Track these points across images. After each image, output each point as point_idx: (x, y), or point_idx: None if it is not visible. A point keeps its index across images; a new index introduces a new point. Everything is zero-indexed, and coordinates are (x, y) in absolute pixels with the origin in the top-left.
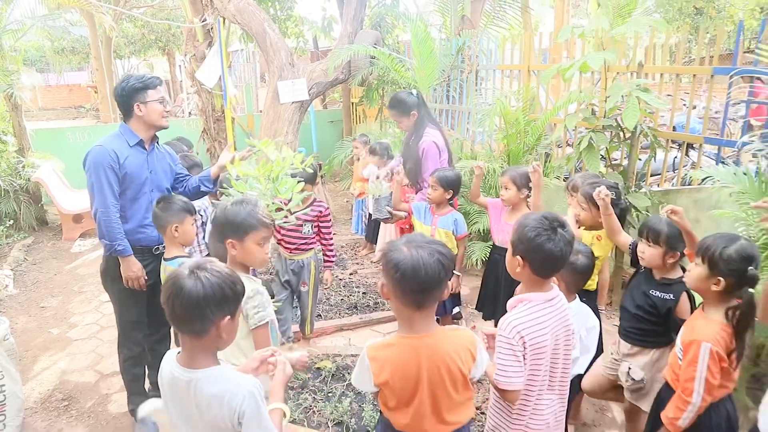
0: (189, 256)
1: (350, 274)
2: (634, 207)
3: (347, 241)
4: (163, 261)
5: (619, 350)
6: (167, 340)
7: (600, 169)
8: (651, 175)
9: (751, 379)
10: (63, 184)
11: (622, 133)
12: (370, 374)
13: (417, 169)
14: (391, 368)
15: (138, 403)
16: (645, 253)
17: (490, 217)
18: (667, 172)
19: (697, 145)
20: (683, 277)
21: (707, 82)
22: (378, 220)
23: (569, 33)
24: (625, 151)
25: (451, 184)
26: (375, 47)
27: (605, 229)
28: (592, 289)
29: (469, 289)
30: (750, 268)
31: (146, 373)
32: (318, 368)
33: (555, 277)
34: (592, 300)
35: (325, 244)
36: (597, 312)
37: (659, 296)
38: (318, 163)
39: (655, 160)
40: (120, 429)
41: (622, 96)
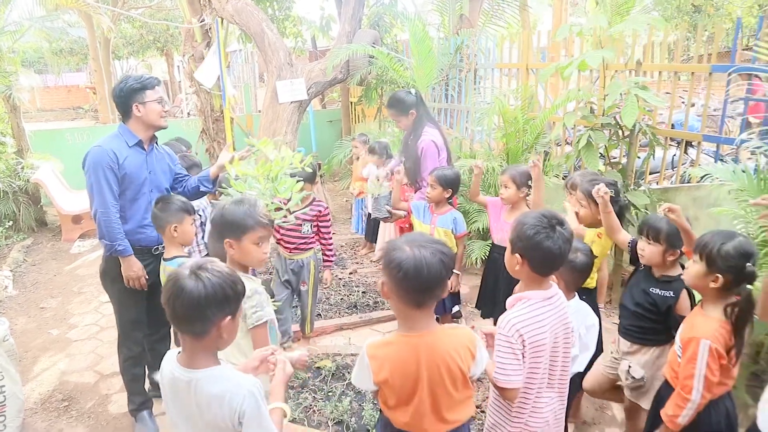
0: (188, 256)
1: (350, 273)
2: (633, 205)
3: (347, 240)
4: (162, 261)
5: (619, 348)
6: (167, 339)
7: (599, 168)
8: (650, 173)
9: (751, 377)
10: (62, 185)
11: (620, 131)
12: (369, 372)
13: (416, 168)
14: (390, 366)
15: (138, 403)
16: (645, 250)
17: (489, 215)
18: (666, 169)
19: (696, 143)
20: (682, 275)
21: (706, 79)
22: (377, 220)
23: (567, 31)
24: (624, 149)
25: (450, 182)
26: (373, 47)
27: (604, 227)
28: (591, 287)
29: (468, 287)
30: (748, 265)
31: (146, 373)
32: (318, 367)
33: (554, 276)
34: (592, 298)
35: (324, 244)
36: (597, 310)
37: (659, 294)
38: (317, 163)
39: (653, 158)
40: (120, 429)
41: (621, 94)
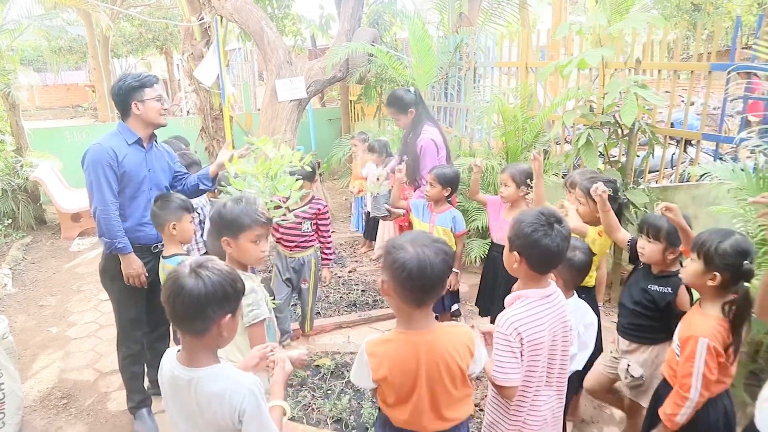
0: (187, 254)
1: (349, 271)
2: (632, 203)
3: (346, 239)
4: (161, 259)
5: (618, 348)
6: (166, 338)
7: (598, 166)
8: (649, 172)
9: (749, 375)
10: (61, 183)
11: (620, 129)
12: (368, 370)
13: (415, 167)
14: (389, 364)
15: (137, 401)
16: (645, 249)
17: (488, 214)
18: (666, 168)
19: (695, 142)
20: (680, 272)
21: (705, 78)
22: (376, 218)
23: (567, 30)
24: (624, 147)
25: (449, 181)
26: (373, 45)
27: (603, 226)
28: (590, 286)
29: (467, 286)
30: (745, 263)
31: (145, 371)
32: (317, 366)
33: (553, 274)
34: (591, 297)
35: (323, 242)
36: (596, 309)
37: (658, 290)
38: (316, 161)
39: (653, 157)
40: (119, 427)
41: (620, 92)
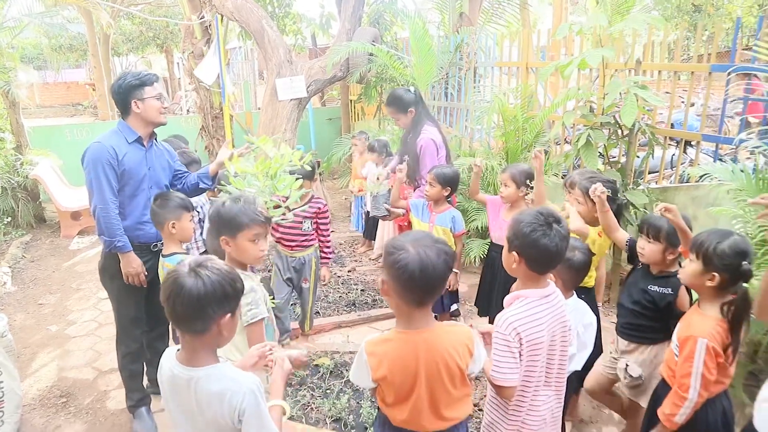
0: (187, 253)
1: (348, 271)
2: (631, 204)
3: (345, 238)
4: (161, 258)
5: (618, 348)
6: (166, 336)
7: (598, 167)
8: (649, 173)
9: (748, 376)
10: (61, 181)
11: (620, 130)
12: (368, 369)
13: (415, 167)
14: (389, 363)
15: (136, 399)
16: (645, 249)
17: (488, 214)
18: (665, 169)
19: (695, 143)
20: (679, 273)
21: (705, 79)
22: (376, 218)
23: (567, 30)
24: (623, 148)
25: (448, 181)
26: (373, 44)
27: (601, 226)
28: (590, 286)
29: (467, 286)
30: (744, 263)
31: (144, 369)
32: (316, 365)
33: (552, 274)
34: (590, 297)
35: (322, 241)
36: (596, 309)
37: (658, 291)
38: (316, 161)
39: (653, 158)
40: (118, 425)
41: (620, 93)
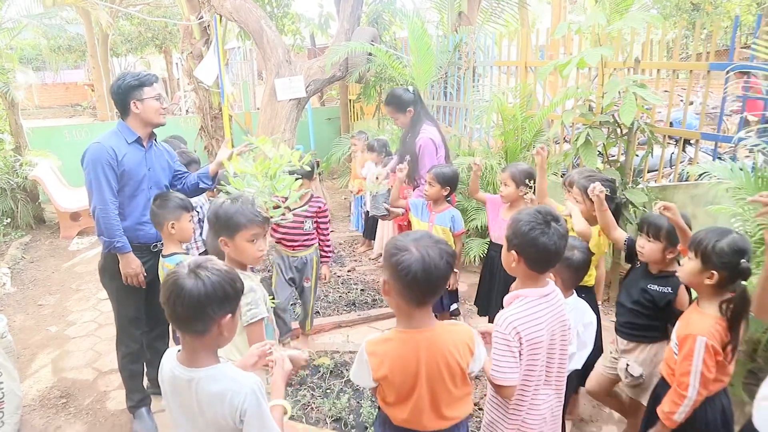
0: (186, 253)
1: (348, 271)
2: (631, 203)
3: (345, 238)
4: (161, 258)
5: (618, 347)
6: (165, 337)
7: (597, 165)
8: (648, 171)
9: (748, 374)
10: (60, 182)
11: (619, 129)
12: (368, 369)
13: (414, 166)
14: (390, 363)
15: (136, 400)
16: (645, 248)
17: (487, 213)
18: (664, 168)
19: (694, 141)
20: (677, 271)
21: (704, 77)
22: (375, 217)
23: (566, 29)
24: (623, 147)
25: (448, 180)
26: (372, 44)
27: (600, 225)
28: (590, 285)
29: (466, 285)
30: (742, 261)
31: (144, 370)
32: (316, 365)
33: (551, 273)
34: (590, 296)
35: (322, 240)
36: (596, 308)
37: (658, 290)
38: (315, 160)
39: (652, 156)
40: (118, 426)
41: (619, 92)
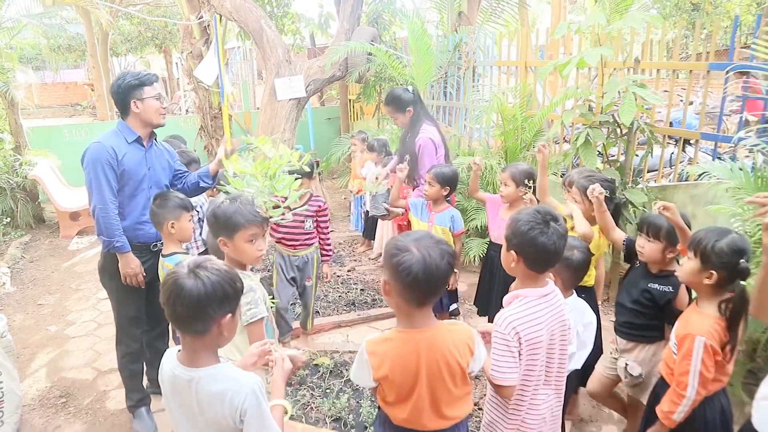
0: (186, 252)
1: (348, 270)
2: (630, 203)
3: (345, 238)
4: (161, 257)
5: (618, 347)
6: (165, 336)
7: (597, 165)
8: (648, 171)
9: (747, 374)
10: (60, 181)
11: (619, 129)
12: (369, 369)
13: (413, 166)
14: (390, 363)
15: (136, 399)
16: (645, 248)
17: (487, 212)
18: (664, 167)
19: (694, 141)
20: (676, 271)
21: (704, 77)
22: (375, 217)
23: (566, 29)
24: (622, 147)
25: (447, 180)
26: (372, 44)
27: (599, 226)
28: (590, 285)
29: (466, 285)
30: (741, 261)
31: (144, 369)
32: (316, 365)
33: (551, 273)
34: (590, 296)
35: (323, 238)
36: (596, 308)
37: (658, 289)
38: (315, 160)
39: (651, 156)
40: (118, 425)
41: (619, 92)
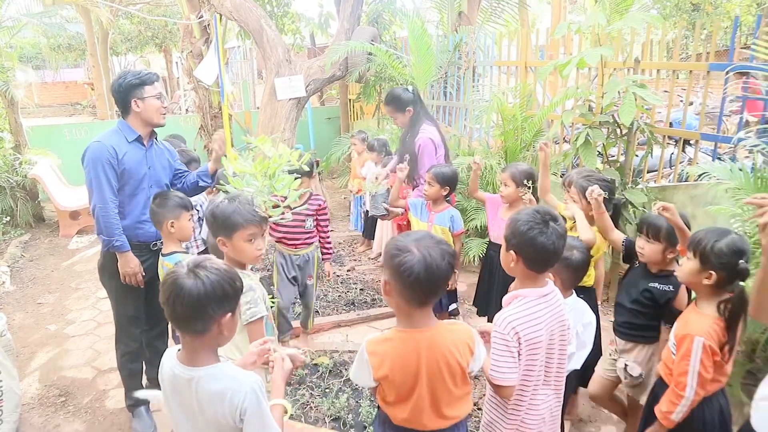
0: (186, 252)
1: (348, 270)
2: (630, 203)
3: (344, 237)
4: (161, 257)
5: (617, 348)
6: (165, 335)
7: (597, 165)
8: (648, 171)
9: (747, 375)
10: (60, 180)
11: (618, 129)
12: (369, 369)
13: (413, 166)
14: (390, 362)
15: (135, 399)
16: (645, 249)
17: (487, 212)
18: (664, 168)
19: (694, 141)
20: (675, 271)
21: (704, 78)
22: (375, 217)
23: (566, 29)
24: (622, 147)
25: (447, 180)
26: (372, 44)
27: (597, 227)
28: (589, 285)
29: (466, 285)
30: (741, 262)
31: (144, 368)
32: (315, 364)
33: (551, 274)
34: (590, 296)
35: (323, 237)
36: (596, 309)
37: (659, 288)
38: (315, 160)
39: (651, 156)
40: (117, 425)
41: (619, 92)
